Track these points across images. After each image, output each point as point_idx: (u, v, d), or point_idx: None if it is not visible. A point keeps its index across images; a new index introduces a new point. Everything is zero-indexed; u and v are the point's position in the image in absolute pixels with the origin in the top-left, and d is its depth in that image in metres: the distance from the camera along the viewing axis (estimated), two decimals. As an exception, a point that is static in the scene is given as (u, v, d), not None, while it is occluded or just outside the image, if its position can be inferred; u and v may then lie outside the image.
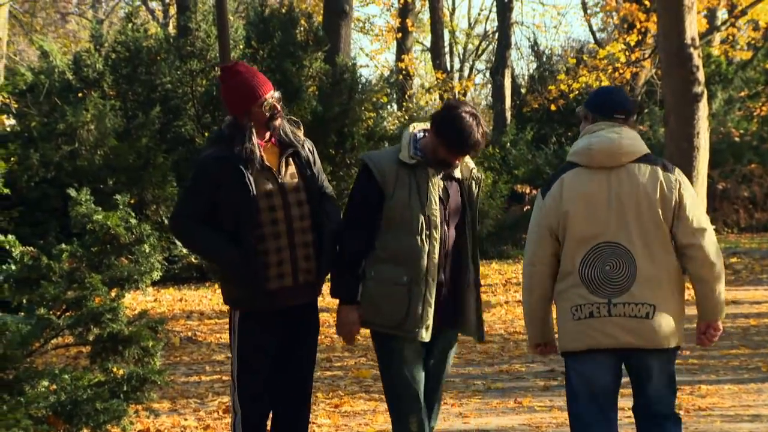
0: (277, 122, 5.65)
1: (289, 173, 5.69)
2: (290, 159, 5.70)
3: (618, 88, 5.47)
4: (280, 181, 5.63)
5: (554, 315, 5.32)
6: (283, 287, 5.60)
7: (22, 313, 5.46)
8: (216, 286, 15.57)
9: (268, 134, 5.65)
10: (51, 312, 5.36)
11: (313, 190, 5.72)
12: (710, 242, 5.15)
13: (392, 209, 5.47)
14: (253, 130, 5.59)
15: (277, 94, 5.66)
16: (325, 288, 5.72)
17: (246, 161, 5.55)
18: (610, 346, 5.07)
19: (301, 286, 5.66)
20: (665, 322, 5.08)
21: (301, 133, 5.79)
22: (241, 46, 18.31)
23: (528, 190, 23.73)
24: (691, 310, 5.19)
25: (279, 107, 5.65)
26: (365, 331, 5.66)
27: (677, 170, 5.21)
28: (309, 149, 5.81)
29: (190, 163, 17.46)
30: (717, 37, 25.65)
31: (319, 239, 5.65)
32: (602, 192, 5.10)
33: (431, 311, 5.46)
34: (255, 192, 5.54)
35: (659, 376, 5.19)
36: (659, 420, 5.25)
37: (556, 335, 5.30)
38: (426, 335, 5.46)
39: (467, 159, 5.66)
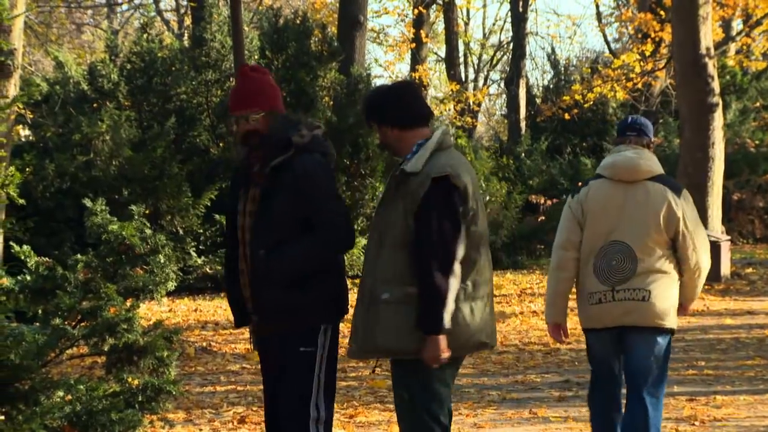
0: None
1: (251, 194, 5.19)
2: (256, 178, 5.17)
3: (636, 116, 6.47)
4: (243, 200, 5.24)
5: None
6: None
7: (38, 324, 5.46)
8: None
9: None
10: (66, 322, 5.36)
11: (267, 218, 5.11)
12: (704, 259, 6.14)
13: None
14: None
15: None
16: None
17: (244, 173, 5.28)
18: (614, 325, 6.08)
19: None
20: (659, 304, 6.03)
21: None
22: (256, 57, 18.34)
23: (542, 201, 23.68)
24: (702, 320, 5.20)
25: None
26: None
27: (684, 191, 6.19)
28: (301, 172, 5.07)
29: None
30: (732, 48, 25.60)
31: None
32: (618, 199, 6.09)
33: (359, 328, 5.38)
34: (239, 207, 5.26)
35: (648, 350, 6.08)
36: (640, 394, 6.07)
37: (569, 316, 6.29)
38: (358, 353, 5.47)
39: (430, 156, 5.05)
